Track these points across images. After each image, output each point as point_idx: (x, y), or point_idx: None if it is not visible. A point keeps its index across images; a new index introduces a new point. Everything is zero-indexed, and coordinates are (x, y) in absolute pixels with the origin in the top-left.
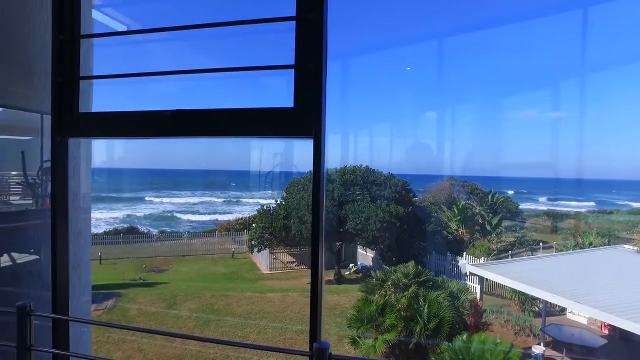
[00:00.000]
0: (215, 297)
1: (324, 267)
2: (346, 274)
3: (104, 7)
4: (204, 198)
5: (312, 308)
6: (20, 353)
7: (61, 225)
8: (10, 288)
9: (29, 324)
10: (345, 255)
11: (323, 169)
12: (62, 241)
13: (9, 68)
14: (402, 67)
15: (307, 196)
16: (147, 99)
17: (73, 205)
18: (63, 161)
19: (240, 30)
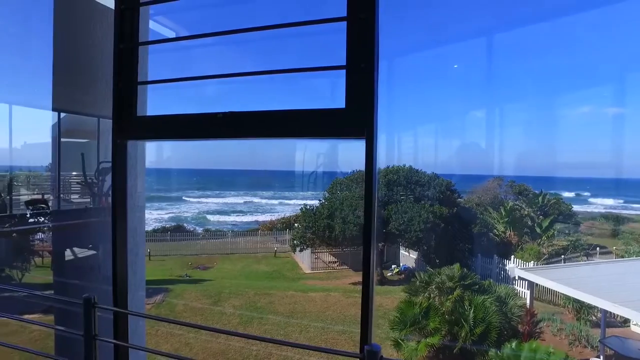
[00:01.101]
0: (258, 295)
1: None
2: (388, 275)
3: (155, 15)
4: (247, 198)
5: (363, 310)
6: (87, 341)
7: (121, 223)
8: (72, 280)
9: (93, 315)
10: (388, 256)
11: (375, 170)
12: (121, 238)
13: (72, 76)
14: (449, 66)
15: (350, 196)
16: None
17: (129, 203)
18: (123, 162)
19: (283, 32)
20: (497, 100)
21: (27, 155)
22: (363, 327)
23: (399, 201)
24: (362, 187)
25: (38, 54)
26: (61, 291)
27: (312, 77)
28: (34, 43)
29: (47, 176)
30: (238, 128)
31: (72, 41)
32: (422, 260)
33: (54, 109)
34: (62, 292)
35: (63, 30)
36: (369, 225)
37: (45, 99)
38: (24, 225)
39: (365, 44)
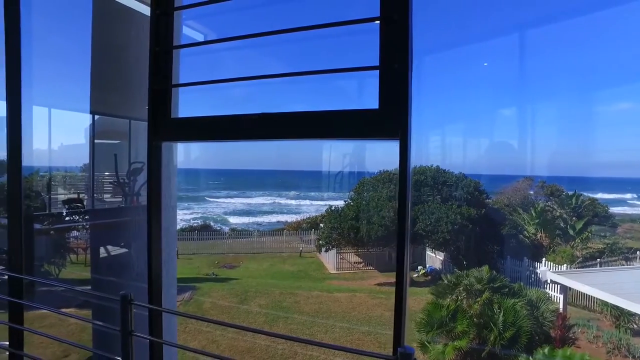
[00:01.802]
0: (283, 295)
1: (391, 269)
2: (414, 277)
3: (185, 19)
4: (273, 198)
5: (397, 311)
6: (124, 337)
7: (155, 223)
8: (107, 277)
9: (130, 312)
10: (414, 258)
11: (409, 171)
12: (156, 237)
13: (107, 80)
14: (478, 64)
15: (376, 197)
16: (217, 104)
17: (162, 203)
18: (158, 163)
19: (309, 35)
20: (529, 98)
21: (64, 156)
22: (396, 329)
23: (426, 202)
24: (388, 188)
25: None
26: (97, 287)
27: (339, 79)
28: (73, 50)
29: (82, 176)
30: (272, 129)
31: (108, 47)
32: (449, 261)
33: (91, 112)
34: (98, 288)
35: (100, 36)
36: (403, 226)
37: (80, 102)
38: (61, 223)
39: (398, 44)
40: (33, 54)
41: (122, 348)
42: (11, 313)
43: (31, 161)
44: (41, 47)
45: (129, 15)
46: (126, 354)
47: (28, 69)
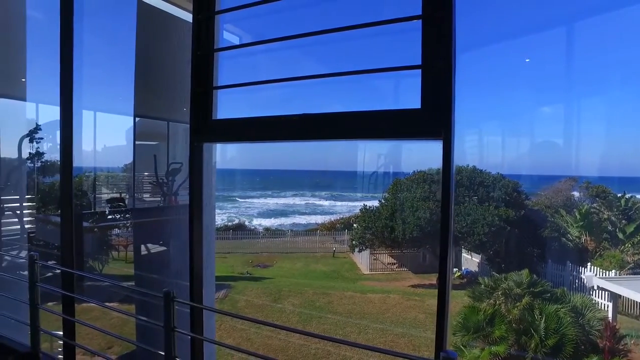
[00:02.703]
0: (317, 295)
1: (426, 270)
2: None
3: (222, 23)
4: (307, 198)
5: (439, 315)
6: (167, 333)
7: (197, 222)
8: (147, 274)
9: (172, 309)
10: None
11: (452, 172)
12: (197, 236)
13: (149, 84)
14: (519, 60)
15: (411, 197)
16: (252, 106)
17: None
18: (199, 164)
19: (346, 35)
20: (575, 95)
21: (106, 157)
22: (438, 333)
23: (462, 203)
24: (422, 188)
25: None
26: (139, 283)
27: (375, 79)
28: (117, 56)
29: (123, 176)
30: (313, 130)
31: (150, 52)
32: (485, 264)
33: (135, 114)
34: (140, 284)
35: (144, 43)
36: (446, 227)
37: (122, 104)
38: (104, 221)
39: (441, 43)
40: (83, 61)
41: (165, 344)
42: (64, 305)
43: (80, 162)
44: (89, 53)
45: (170, 22)
46: (169, 349)
47: (78, 76)
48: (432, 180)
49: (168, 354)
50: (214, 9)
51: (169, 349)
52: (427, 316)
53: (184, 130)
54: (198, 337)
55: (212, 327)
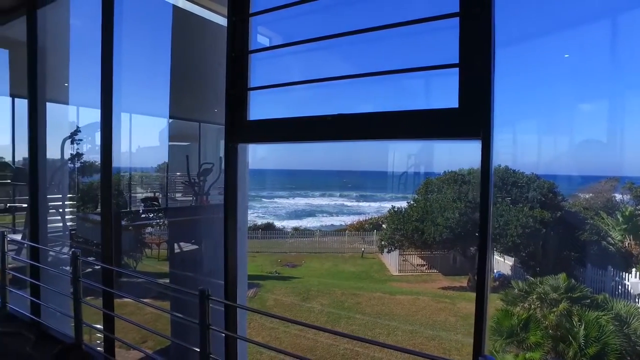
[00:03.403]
0: (345, 295)
1: (456, 272)
2: None
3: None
4: (336, 198)
5: (477, 318)
6: (202, 330)
7: (231, 222)
8: (181, 272)
9: (207, 306)
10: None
11: (491, 172)
12: (232, 236)
13: (183, 87)
14: (558, 55)
15: (441, 198)
16: (282, 107)
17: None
18: (234, 164)
19: (378, 35)
20: (619, 91)
21: (140, 158)
22: (476, 337)
23: (494, 204)
24: (453, 189)
25: (153, 69)
26: (173, 281)
27: (406, 78)
28: (152, 59)
29: (156, 176)
30: (347, 130)
31: (184, 55)
32: (519, 267)
33: (170, 116)
34: (174, 281)
35: (178, 46)
36: (485, 230)
37: (156, 107)
38: (139, 220)
39: (480, 40)
40: (121, 65)
41: (201, 340)
42: (104, 300)
43: (116, 163)
44: (126, 58)
45: (202, 26)
46: (204, 346)
47: (117, 80)
48: (463, 181)
49: (203, 350)
50: (249, 11)
51: (204, 345)
52: (457, 319)
53: (215, 131)
54: (232, 335)
55: (244, 325)
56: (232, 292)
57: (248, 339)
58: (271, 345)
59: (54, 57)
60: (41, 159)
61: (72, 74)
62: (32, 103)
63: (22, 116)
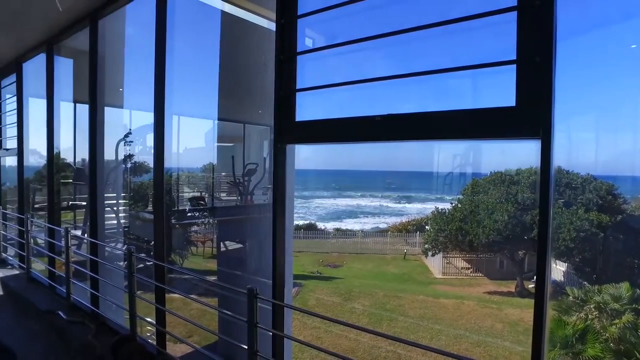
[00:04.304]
0: (387, 297)
1: (503, 277)
2: (530, 287)
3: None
4: (378, 199)
5: (536, 329)
6: (250, 328)
7: (280, 221)
8: (227, 270)
9: (255, 305)
10: (529, 266)
11: (552, 173)
12: (280, 235)
13: (230, 89)
14: (622, 46)
15: (487, 199)
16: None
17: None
18: (282, 165)
19: (421, 35)
20: None
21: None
22: (535, 347)
23: None
24: (500, 190)
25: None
26: (221, 278)
27: (450, 78)
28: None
29: (202, 176)
30: (398, 130)
31: (231, 58)
32: (572, 273)
33: (218, 118)
34: (220, 279)
35: (226, 51)
36: (544, 235)
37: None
38: (186, 218)
39: (540, 35)
40: (172, 70)
41: (248, 338)
42: (157, 295)
43: (167, 163)
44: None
45: (248, 29)
46: (251, 344)
47: (168, 83)
48: (511, 182)
49: (250, 348)
50: (297, 13)
51: (252, 343)
52: (505, 325)
53: (258, 132)
54: (280, 334)
55: (290, 323)
56: (280, 291)
57: (296, 338)
58: (321, 347)
59: (111, 64)
60: (100, 160)
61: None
62: (92, 108)
63: (81, 120)
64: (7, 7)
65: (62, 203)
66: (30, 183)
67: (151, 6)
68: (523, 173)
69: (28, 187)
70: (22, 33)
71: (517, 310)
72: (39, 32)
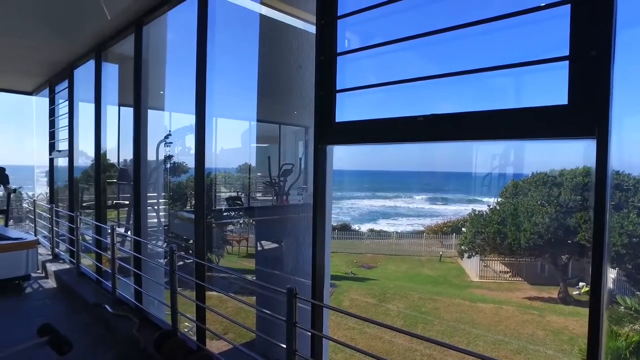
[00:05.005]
0: (422, 300)
1: (545, 282)
2: (574, 294)
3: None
4: (414, 200)
5: (591, 343)
6: (288, 328)
7: (320, 222)
8: (264, 269)
9: (294, 305)
10: (573, 272)
11: (608, 175)
12: (320, 236)
13: (268, 91)
14: None
15: (527, 201)
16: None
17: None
18: (323, 165)
19: (459, 34)
20: None
21: (223, 159)
22: (591, 358)
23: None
24: (542, 191)
25: (237, 74)
26: (259, 277)
27: (492, 77)
28: (235, 64)
29: (237, 176)
30: (442, 131)
31: (269, 60)
32: (624, 280)
33: (257, 120)
34: (259, 278)
35: (264, 54)
36: (600, 240)
37: (238, 109)
38: (222, 218)
39: (597, 28)
40: (213, 72)
41: (287, 337)
42: (197, 293)
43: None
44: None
45: (287, 32)
46: (290, 343)
47: (209, 87)
48: (554, 183)
49: (289, 347)
50: (337, 13)
51: (290, 343)
52: (547, 333)
53: (293, 133)
54: (319, 334)
55: (327, 324)
56: (320, 291)
57: (336, 339)
58: (364, 349)
59: (153, 69)
60: (143, 161)
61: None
62: (136, 111)
63: (125, 122)
64: (61, 17)
65: (107, 202)
66: (79, 183)
67: (191, 11)
68: (567, 174)
69: (77, 186)
70: (74, 41)
71: (560, 318)
72: (89, 39)
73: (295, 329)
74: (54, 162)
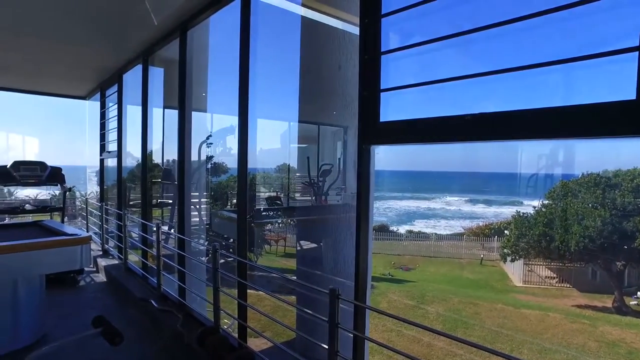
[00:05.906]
0: (462, 304)
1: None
2: (632, 304)
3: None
4: (455, 201)
5: None
6: (331, 328)
7: (364, 222)
8: (304, 268)
9: (337, 305)
10: (629, 280)
11: None
12: (364, 236)
13: (308, 92)
14: None
15: (576, 203)
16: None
17: None
18: (367, 166)
19: (500, 32)
20: None
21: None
22: None
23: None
24: (593, 193)
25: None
26: (299, 277)
27: (538, 74)
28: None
29: (276, 176)
30: (489, 130)
31: (310, 63)
32: None
33: (299, 121)
34: (300, 277)
35: (306, 55)
36: None
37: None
38: (261, 217)
39: None
40: (256, 74)
41: (329, 338)
42: (239, 291)
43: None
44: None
45: (327, 32)
46: (332, 344)
47: (251, 89)
48: (608, 184)
49: (331, 348)
50: (380, 12)
51: (332, 343)
52: (600, 345)
53: (331, 133)
54: (362, 336)
55: (368, 325)
56: (362, 292)
57: (380, 342)
58: (406, 352)
59: (196, 71)
60: (187, 161)
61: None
62: (181, 113)
63: (169, 124)
64: (111, 24)
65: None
66: (127, 182)
67: (233, 15)
68: (624, 175)
69: (125, 186)
70: (124, 47)
71: (615, 329)
72: (137, 45)
73: (338, 330)
74: (104, 163)
